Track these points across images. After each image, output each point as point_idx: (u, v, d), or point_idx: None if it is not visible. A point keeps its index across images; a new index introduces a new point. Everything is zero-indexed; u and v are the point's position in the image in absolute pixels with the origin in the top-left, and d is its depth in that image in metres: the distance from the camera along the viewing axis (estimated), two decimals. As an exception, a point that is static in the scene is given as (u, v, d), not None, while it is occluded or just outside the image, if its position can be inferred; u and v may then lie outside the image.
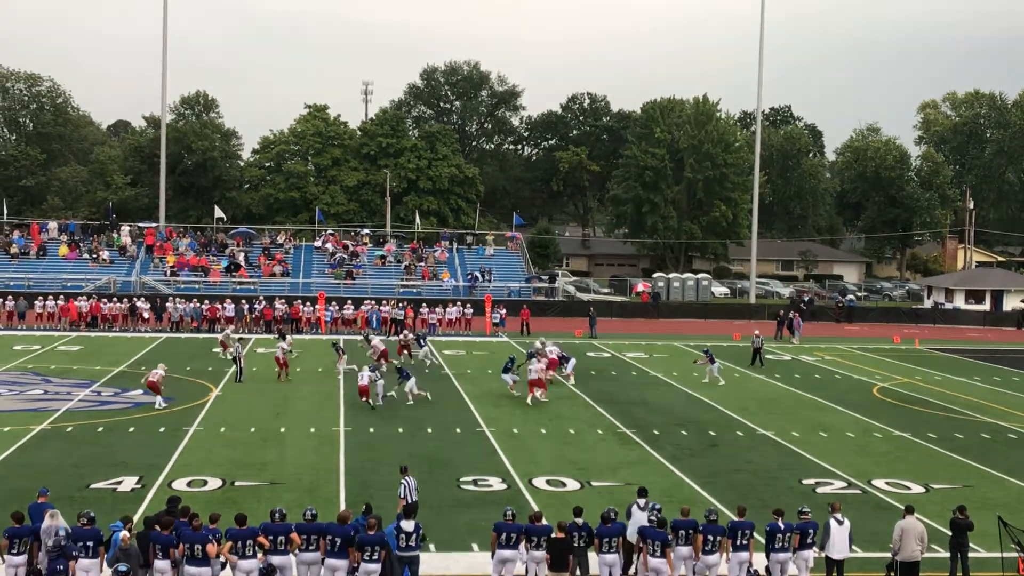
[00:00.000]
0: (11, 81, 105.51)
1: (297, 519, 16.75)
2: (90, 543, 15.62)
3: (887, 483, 25.03)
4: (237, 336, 44.56)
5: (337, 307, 56.12)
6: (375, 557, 16.09)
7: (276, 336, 45.64)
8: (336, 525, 16.45)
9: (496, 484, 23.96)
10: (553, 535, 16.88)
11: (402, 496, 19.05)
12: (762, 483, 24.83)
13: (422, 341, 43.43)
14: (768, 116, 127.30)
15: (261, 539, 16.04)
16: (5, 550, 15.75)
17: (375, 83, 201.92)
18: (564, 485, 24.06)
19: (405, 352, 42.69)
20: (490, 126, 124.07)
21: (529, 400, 34.38)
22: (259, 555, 16.01)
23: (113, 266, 66.16)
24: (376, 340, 42.11)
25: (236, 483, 23.15)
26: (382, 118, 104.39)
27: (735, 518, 17.65)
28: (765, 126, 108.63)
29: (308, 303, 56.41)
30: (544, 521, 17.44)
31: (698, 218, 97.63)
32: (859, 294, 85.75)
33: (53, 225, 72.75)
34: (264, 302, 55.82)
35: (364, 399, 32.99)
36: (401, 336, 45.25)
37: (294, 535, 16.23)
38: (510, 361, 37.16)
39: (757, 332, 47.58)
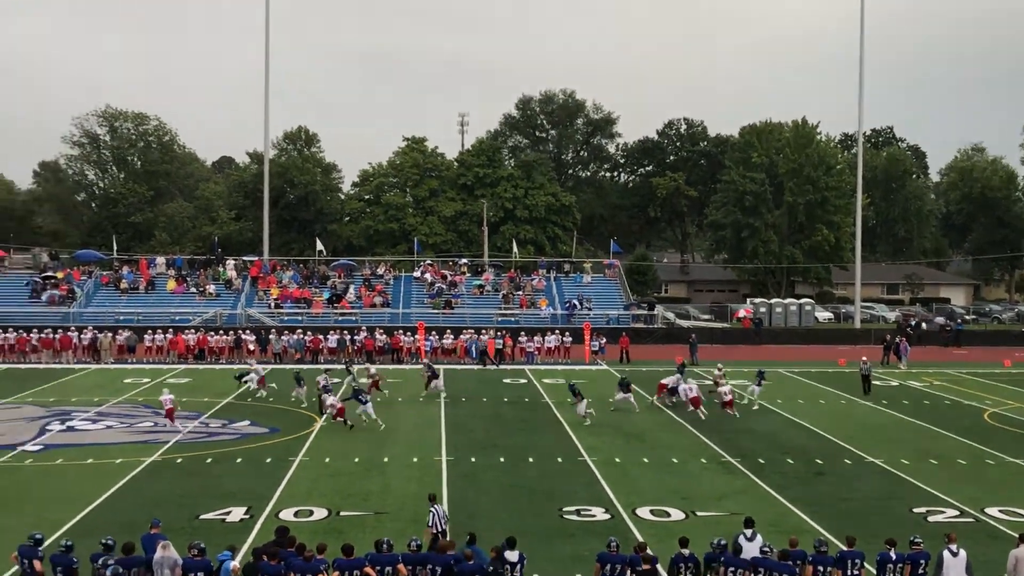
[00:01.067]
0: (119, 120, 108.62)
1: (402, 549, 16.83)
2: (200, 574, 15.88)
3: (1000, 511, 24.32)
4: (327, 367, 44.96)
5: (437, 336, 56.48)
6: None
7: (345, 367, 46.20)
8: (437, 555, 16.51)
9: (599, 514, 23.81)
10: (640, 567, 16.62)
11: (430, 525, 19.11)
12: (871, 512, 24.29)
13: (435, 371, 43.85)
14: (869, 138, 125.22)
15: (368, 570, 16.14)
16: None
17: (471, 114, 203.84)
18: (668, 515, 23.81)
19: (375, 388, 40.73)
20: (586, 153, 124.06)
21: (701, 414, 36.95)
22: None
23: (219, 299, 67.47)
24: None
25: (341, 513, 23.35)
26: (478, 148, 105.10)
27: (844, 548, 17.29)
28: (867, 148, 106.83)
29: (408, 333, 56.89)
30: (649, 551, 17.25)
31: (800, 242, 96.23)
32: (967, 317, 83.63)
33: (161, 260, 74.54)
34: (365, 332, 56.44)
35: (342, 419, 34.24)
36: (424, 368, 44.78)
37: (400, 566, 16.29)
38: (571, 388, 37.87)
39: (864, 359, 46.66)
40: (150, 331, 56.48)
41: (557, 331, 58.38)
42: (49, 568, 16.34)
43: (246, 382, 41.78)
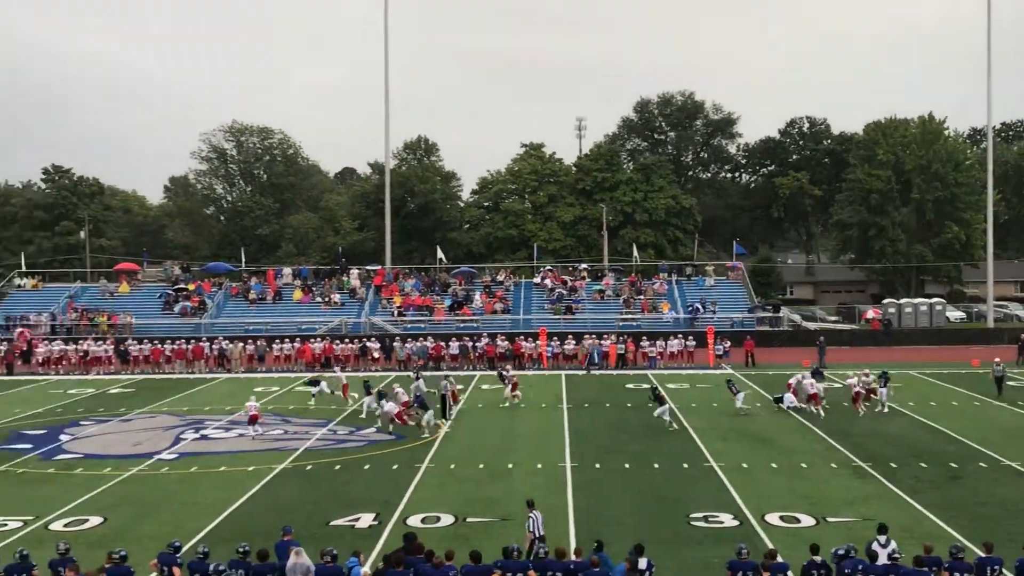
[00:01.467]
0: (245, 135, 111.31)
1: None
2: (332, 580, 16.16)
3: None
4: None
5: (558, 342, 56.49)
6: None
7: (413, 374, 45.72)
8: (556, 562, 16.51)
9: (727, 520, 23.50)
10: None
11: (530, 530, 19.05)
12: (1009, 517, 23.50)
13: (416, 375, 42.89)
14: (999, 132, 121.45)
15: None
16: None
17: (588, 118, 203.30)
18: (798, 521, 23.37)
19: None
20: (706, 155, 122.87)
21: (819, 411, 37.46)
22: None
23: (344, 308, 68.58)
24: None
25: (468, 519, 23.48)
26: (596, 153, 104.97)
27: (982, 554, 16.78)
28: (997, 142, 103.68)
29: (529, 339, 57.04)
30: (779, 559, 16.97)
31: (929, 240, 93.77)
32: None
33: (287, 271, 76.10)
34: (487, 339, 56.76)
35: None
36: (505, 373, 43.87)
37: (532, 573, 16.31)
38: (652, 392, 37.43)
39: (998, 360, 45.21)
40: (278, 340, 57.69)
41: (680, 335, 57.88)
42: (187, 575, 16.77)
43: (316, 392, 42.26)
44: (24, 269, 79.85)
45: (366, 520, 23.69)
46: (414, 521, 23.42)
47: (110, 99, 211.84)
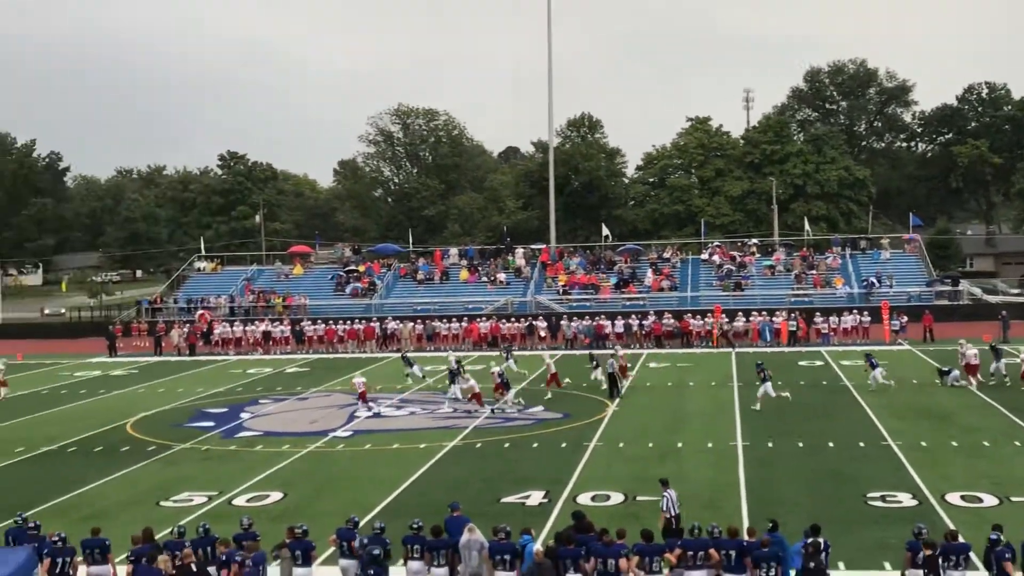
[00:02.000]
0: (411, 118, 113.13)
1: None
2: (507, 556, 16.26)
3: None
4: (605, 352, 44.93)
5: (727, 319, 55.65)
6: (771, 574, 15.83)
7: (503, 354, 45.88)
8: (730, 540, 16.28)
9: (906, 500, 22.78)
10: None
11: (664, 509, 18.87)
12: None
13: (507, 355, 43.90)
14: None
15: (670, 555, 16.06)
16: (429, 563, 16.72)
17: (756, 90, 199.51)
18: (980, 501, 22.50)
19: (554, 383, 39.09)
20: (880, 124, 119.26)
21: (973, 385, 36.66)
22: (665, 571, 16.03)
23: (509, 287, 68.99)
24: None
25: (638, 498, 23.34)
26: (765, 125, 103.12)
27: None
28: None
29: (698, 316, 56.37)
30: (961, 539, 16.34)
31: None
32: None
33: (454, 251, 76.99)
34: (653, 317, 56.33)
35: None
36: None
37: (712, 551, 16.10)
38: (758, 367, 36.11)
39: None
40: (445, 320, 58.46)
41: (854, 311, 56.32)
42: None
43: (408, 372, 43.06)
44: (203, 253, 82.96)
45: (536, 498, 23.79)
46: (584, 499, 23.43)
47: (282, 86, 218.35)
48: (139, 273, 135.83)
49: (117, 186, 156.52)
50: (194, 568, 15.88)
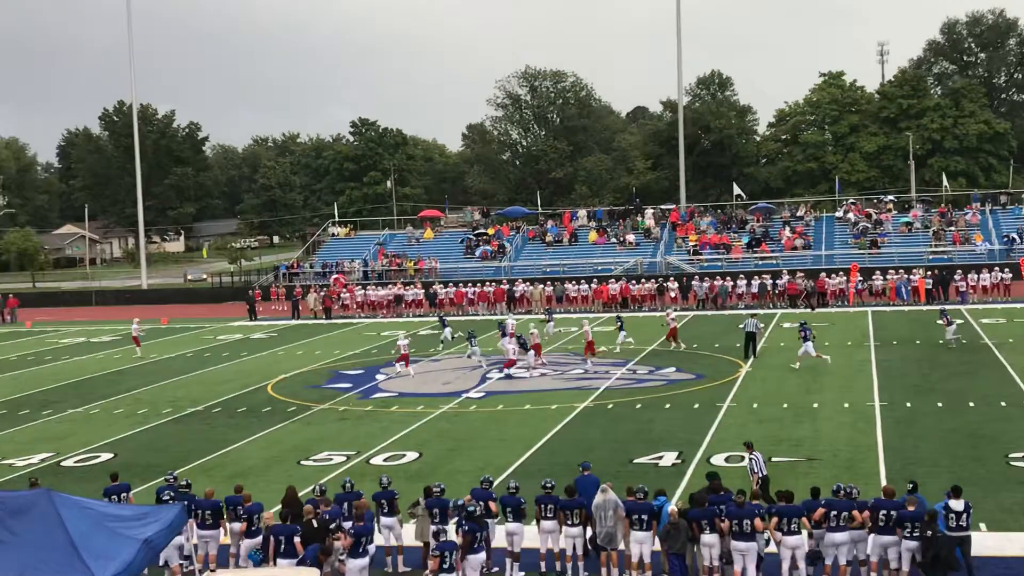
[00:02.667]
0: (539, 80, 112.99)
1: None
2: (644, 516, 16.30)
3: None
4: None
5: (862, 278, 54.46)
6: (915, 534, 15.52)
7: (545, 317, 46.78)
8: (885, 500, 16.02)
9: (1052, 462, 22.14)
10: None
11: (755, 471, 18.92)
12: None
13: (548, 316, 45.29)
14: None
15: (811, 517, 15.90)
16: (562, 522, 16.86)
17: (890, 43, 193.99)
18: None
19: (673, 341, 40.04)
20: (1020, 76, 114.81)
21: None
22: (803, 532, 15.89)
23: (639, 248, 68.63)
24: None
25: (773, 459, 23.07)
26: (901, 79, 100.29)
27: None
28: None
29: (833, 275, 55.29)
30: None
31: None
32: None
33: (582, 213, 76.86)
34: (787, 276, 55.44)
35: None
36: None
37: (856, 512, 15.88)
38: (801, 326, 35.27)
39: None
40: (574, 281, 58.47)
41: (995, 268, 54.58)
42: (500, 508, 17.39)
43: (443, 338, 43.82)
44: (337, 219, 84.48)
45: (669, 459, 23.76)
46: (717, 460, 23.33)
47: (413, 52, 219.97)
48: (275, 239, 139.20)
49: (253, 154, 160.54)
50: (315, 524, 16.25)
